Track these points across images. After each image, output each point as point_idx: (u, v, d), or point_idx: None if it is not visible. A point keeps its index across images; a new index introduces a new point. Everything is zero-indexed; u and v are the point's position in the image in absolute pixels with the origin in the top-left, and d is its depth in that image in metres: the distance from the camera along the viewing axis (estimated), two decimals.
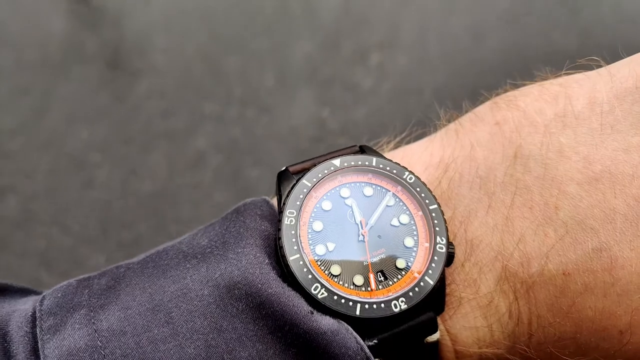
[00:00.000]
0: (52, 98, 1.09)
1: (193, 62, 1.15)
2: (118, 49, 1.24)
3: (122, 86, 1.15)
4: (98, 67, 1.20)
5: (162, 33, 1.24)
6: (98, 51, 1.23)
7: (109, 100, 1.09)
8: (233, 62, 1.09)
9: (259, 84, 1.04)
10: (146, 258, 0.41)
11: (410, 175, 0.42)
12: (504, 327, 0.41)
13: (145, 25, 1.28)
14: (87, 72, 1.16)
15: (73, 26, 1.34)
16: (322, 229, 0.39)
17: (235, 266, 0.37)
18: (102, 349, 0.34)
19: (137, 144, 0.93)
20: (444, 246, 0.39)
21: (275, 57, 1.07)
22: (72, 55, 1.23)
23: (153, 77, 1.13)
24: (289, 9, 1.27)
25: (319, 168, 0.41)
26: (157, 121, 1.00)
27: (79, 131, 0.98)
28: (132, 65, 1.20)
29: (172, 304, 0.36)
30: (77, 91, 1.15)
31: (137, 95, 1.01)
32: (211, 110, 0.94)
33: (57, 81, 1.16)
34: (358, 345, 0.36)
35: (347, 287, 0.38)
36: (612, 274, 0.37)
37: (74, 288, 0.39)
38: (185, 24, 1.28)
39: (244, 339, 0.35)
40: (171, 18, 1.29)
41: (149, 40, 1.24)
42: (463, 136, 0.45)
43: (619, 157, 0.39)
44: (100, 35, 1.25)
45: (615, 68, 0.43)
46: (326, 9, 1.27)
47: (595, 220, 0.38)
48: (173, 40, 1.21)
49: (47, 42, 1.23)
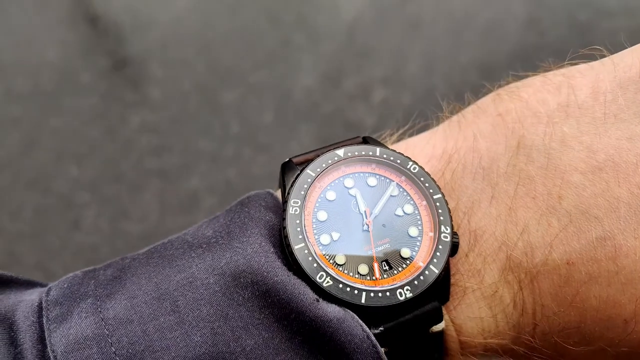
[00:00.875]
0: (42, 130, 1.07)
1: (189, 95, 1.13)
2: (112, 80, 1.21)
3: (114, 119, 1.12)
4: (91, 98, 1.17)
5: (158, 64, 1.21)
6: (92, 82, 1.20)
7: (101, 134, 1.07)
8: (231, 96, 1.07)
9: (257, 120, 1.02)
10: (151, 249, 0.41)
11: (414, 165, 0.42)
12: (508, 318, 0.41)
13: (141, 56, 1.25)
14: (79, 104, 1.14)
15: (67, 55, 1.31)
16: (327, 219, 0.40)
17: (240, 255, 0.37)
18: (109, 337, 0.34)
19: (128, 182, 0.91)
20: (449, 235, 0.39)
21: (274, 91, 1.05)
22: (65, 85, 1.20)
23: (147, 110, 1.10)
24: (291, 39, 1.25)
25: (322, 158, 0.41)
26: (149, 158, 0.98)
27: (68, 168, 0.95)
28: (126, 97, 1.17)
29: (178, 293, 0.36)
30: (68, 124, 1.12)
31: (130, 129, 0.99)
32: (206, 147, 0.92)
33: (49, 113, 1.14)
34: (364, 333, 0.36)
35: (352, 276, 0.38)
36: (617, 262, 0.37)
37: (80, 279, 0.39)
38: (182, 54, 1.25)
39: (249, 327, 0.35)
40: (168, 48, 1.26)
41: (145, 71, 1.21)
42: (466, 128, 0.45)
43: (623, 146, 0.39)
44: (95, 66, 1.23)
45: (618, 57, 0.43)
46: (329, 40, 1.26)
47: (599, 209, 0.38)
48: (169, 71, 1.18)
49: (39, 71, 1.20)
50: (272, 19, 1.50)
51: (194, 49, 1.24)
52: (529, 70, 0.46)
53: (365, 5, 1.59)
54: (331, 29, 1.24)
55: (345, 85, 1.01)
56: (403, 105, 0.93)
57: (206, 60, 1.18)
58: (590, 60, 0.45)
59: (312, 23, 1.52)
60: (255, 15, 1.54)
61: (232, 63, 1.16)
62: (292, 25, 1.45)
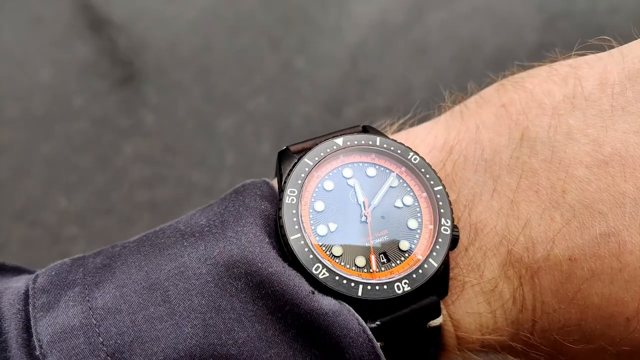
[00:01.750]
0: (32, 157, 1.02)
1: (184, 122, 1.08)
2: (106, 104, 1.16)
3: (106, 146, 1.07)
4: (83, 123, 1.12)
5: (154, 88, 1.16)
6: (84, 106, 1.15)
7: (92, 162, 1.02)
8: (227, 123, 1.03)
9: (254, 149, 0.98)
10: (142, 237, 0.40)
11: (415, 155, 0.41)
12: (507, 314, 0.40)
13: (137, 79, 1.19)
14: (71, 129, 1.09)
15: (60, 76, 1.26)
16: (324, 209, 0.38)
17: (234, 244, 0.36)
18: (96, 326, 0.33)
19: (118, 215, 0.88)
20: (449, 228, 0.38)
21: (272, 119, 1.00)
22: (56, 109, 1.15)
23: (140, 138, 1.06)
24: (292, 64, 1.21)
25: (321, 147, 0.40)
26: (140, 190, 0.94)
27: (57, 198, 0.91)
28: (120, 123, 1.12)
29: (169, 283, 0.35)
30: (59, 150, 1.07)
31: (122, 158, 0.94)
32: (200, 179, 0.88)
33: (39, 138, 1.08)
34: (360, 327, 0.35)
35: (349, 268, 0.37)
36: (620, 259, 0.36)
37: (69, 266, 0.38)
38: (179, 78, 1.20)
39: (242, 318, 0.34)
40: (165, 72, 1.21)
41: (140, 96, 1.16)
42: (468, 118, 0.44)
43: (630, 140, 0.38)
44: (89, 89, 1.18)
45: (627, 48, 0.42)
46: (331, 66, 1.22)
47: (603, 204, 0.37)
48: (165, 96, 1.14)
49: (31, 94, 1.15)
50: (273, 42, 1.45)
51: (191, 72, 1.20)
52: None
53: (369, 29, 1.57)
54: (333, 53, 1.20)
55: (346, 113, 0.98)
56: None
57: (203, 84, 1.14)
58: (598, 51, 0.44)
59: (313, 47, 1.48)
60: (256, 38, 1.51)
61: (229, 88, 1.12)
62: (293, 49, 1.42)
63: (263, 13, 1.57)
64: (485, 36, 1.50)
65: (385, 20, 1.56)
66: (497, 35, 1.50)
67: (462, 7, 1.53)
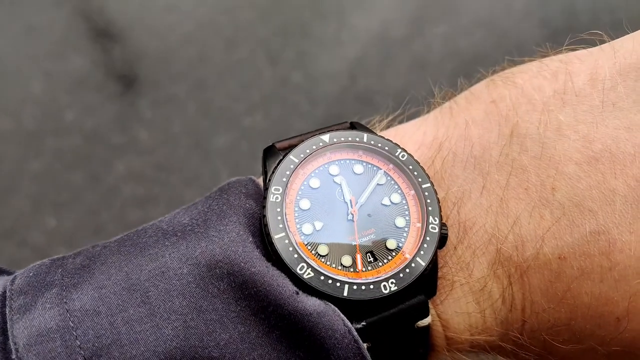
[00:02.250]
0: (21, 174, 0.98)
1: (178, 139, 1.04)
2: (98, 119, 1.12)
3: (98, 163, 1.03)
4: (75, 139, 1.08)
5: (148, 102, 1.12)
6: (77, 120, 1.11)
7: (83, 180, 0.98)
8: (222, 140, 0.99)
9: (249, 168, 0.96)
10: (124, 236, 0.39)
11: (402, 152, 0.40)
12: (497, 313, 0.39)
13: (131, 92, 1.15)
14: (62, 145, 1.06)
15: (52, 89, 1.21)
16: (310, 207, 0.38)
17: (216, 244, 0.35)
18: (74, 329, 0.32)
19: (108, 236, 0.85)
20: (437, 226, 0.37)
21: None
22: (48, 123, 1.11)
23: (133, 155, 1.02)
24: (289, 79, 1.18)
25: (307, 144, 0.39)
26: (132, 210, 0.91)
27: (45, 218, 0.88)
28: (112, 138, 1.08)
29: (150, 283, 0.34)
30: (49, 167, 1.03)
31: (113, 176, 0.91)
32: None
33: (29, 154, 1.04)
34: (345, 327, 0.34)
35: (335, 268, 0.36)
36: (610, 258, 0.36)
37: (47, 267, 0.37)
38: (173, 91, 1.16)
39: (225, 320, 0.33)
40: (159, 84, 1.17)
41: (134, 110, 1.12)
42: (457, 114, 0.44)
43: (621, 136, 0.37)
44: (81, 102, 1.14)
45: (618, 43, 0.41)
46: (330, 81, 1.19)
47: (593, 201, 0.36)
48: (159, 111, 1.10)
49: (23, 107, 1.11)
50: (271, 56, 1.42)
51: (187, 86, 1.16)
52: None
53: (369, 43, 1.53)
54: (332, 68, 1.17)
55: None
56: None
57: (198, 99, 1.10)
58: (589, 46, 0.43)
59: (312, 61, 1.45)
60: (253, 51, 1.48)
61: (225, 103, 1.09)
62: (290, 63, 1.38)
63: (261, 25, 1.54)
64: (486, 51, 1.49)
65: (386, 34, 1.54)
66: (498, 50, 1.49)
67: (463, 21, 1.51)
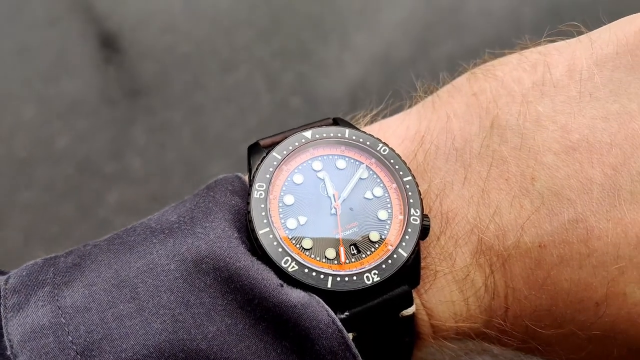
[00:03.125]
0: (11, 206, 0.93)
1: (172, 168, 1.00)
2: (91, 146, 1.07)
3: (90, 194, 0.98)
4: (67, 168, 1.04)
5: (141, 128, 1.09)
6: (68, 147, 1.06)
7: (73, 212, 0.95)
8: (217, 169, 0.96)
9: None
10: (113, 235, 0.40)
11: (384, 147, 0.41)
12: (480, 301, 0.40)
13: (125, 118, 1.11)
14: (53, 174, 1.02)
15: (44, 114, 1.16)
16: (294, 203, 0.38)
17: (202, 240, 0.36)
18: (65, 325, 0.34)
19: None
20: (418, 218, 0.38)
21: None
22: (39, 151, 1.06)
23: (126, 185, 0.97)
24: (287, 104, 1.14)
25: (289, 140, 0.40)
26: None
27: (35, 252, 0.87)
28: (105, 167, 1.03)
29: (138, 280, 0.35)
30: (39, 198, 0.98)
31: (105, 207, 0.88)
32: None
33: (20, 184, 1.00)
34: (330, 318, 0.35)
35: (319, 261, 0.37)
36: (588, 245, 0.37)
37: (40, 266, 0.38)
38: (168, 117, 1.11)
39: (212, 313, 0.34)
40: (153, 111, 1.13)
41: (127, 137, 1.07)
42: (440, 108, 0.44)
43: (597, 126, 0.38)
44: (73, 128, 1.09)
45: (596, 34, 0.42)
46: (330, 105, 1.15)
47: (571, 190, 0.37)
48: (153, 138, 1.06)
49: (13, 134, 1.06)
50: (269, 79, 1.38)
51: (182, 111, 1.12)
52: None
53: (374, 63, 1.48)
54: (333, 91, 1.15)
55: None
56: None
57: (194, 125, 1.06)
58: (568, 37, 0.44)
59: (312, 84, 1.40)
60: (251, 73, 1.43)
61: (221, 130, 1.05)
62: (290, 86, 1.35)
63: (259, 46, 1.50)
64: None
65: (389, 55, 1.51)
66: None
67: (469, 41, 1.48)
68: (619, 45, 0.40)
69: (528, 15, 1.50)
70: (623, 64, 0.39)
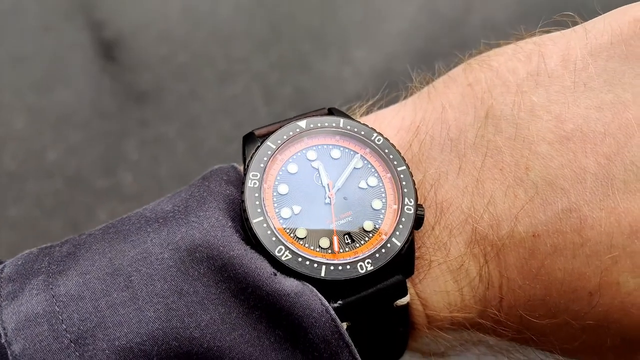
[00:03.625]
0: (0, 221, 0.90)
1: (165, 183, 0.98)
2: (82, 159, 1.03)
3: (80, 210, 0.95)
4: (56, 182, 1.00)
5: (135, 142, 1.05)
6: (59, 161, 1.02)
7: (63, 229, 0.92)
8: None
9: None
10: (108, 225, 0.40)
11: (378, 136, 0.41)
12: (474, 291, 0.40)
13: (118, 131, 1.07)
14: (43, 188, 0.99)
15: (35, 126, 1.12)
16: (288, 192, 0.39)
17: (196, 229, 0.36)
18: (59, 314, 0.34)
19: None
20: (412, 208, 0.38)
21: None
22: (29, 164, 1.01)
23: (117, 201, 0.94)
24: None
25: (283, 130, 0.40)
26: None
27: None
28: (96, 183, 1.00)
29: (132, 268, 0.35)
30: (28, 213, 0.95)
31: (96, 224, 0.87)
32: None
33: (8, 199, 0.96)
34: (323, 307, 0.35)
35: (313, 250, 0.37)
36: (582, 234, 0.37)
37: (35, 256, 0.38)
38: (162, 132, 1.07)
39: (205, 302, 0.34)
40: (147, 124, 1.10)
41: (119, 151, 1.03)
42: (435, 98, 0.44)
43: (591, 115, 0.38)
44: (65, 141, 1.05)
45: (591, 24, 0.42)
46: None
47: (565, 180, 0.37)
48: (146, 152, 1.03)
49: (3, 146, 1.01)
50: (267, 91, 1.36)
51: (177, 124, 1.09)
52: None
53: (375, 77, 1.45)
54: (332, 105, 1.14)
55: None
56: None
57: (188, 139, 1.03)
58: (563, 28, 0.44)
59: (311, 97, 1.38)
60: (248, 86, 1.40)
61: (216, 144, 1.03)
62: (288, 99, 1.31)
63: (258, 58, 1.47)
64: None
65: (390, 69, 1.47)
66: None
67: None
68: (613, 35, 0.40)
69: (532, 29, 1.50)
70: (617, 54, 0.39)
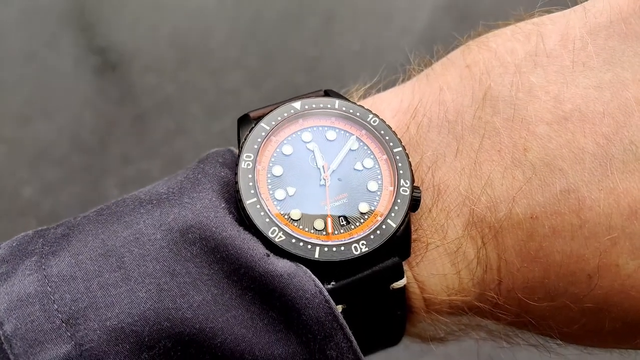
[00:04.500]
0: None
1: None
2: (59, 199, 0.99)
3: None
4: (29, 222, 0.96)
5: (115, 181, 1.01)
6: (33, 199, 0.97)
7: None
8: None
9: None
10: (103, 207, 0.40)
11: (374, 118, 0.40)
12: (472, 274, 0.40)
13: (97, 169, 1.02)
14: (15, 229, 0.98)
15: (12, 160, 1.06)
16: (282, 174, 0.38)
17: (189, 210, 0.36)
18: (51, 294, 0.34)
19: None
20: (408, 189, 0.38)
21: None
22: (3, 202, 0.99)
23: None
24: None
25: (278, 111, 0.39)
26: None
27: None
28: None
29: (125, 249, 0.35)
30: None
31: None
32: None
33: None
34: (316, 288, 0.35)
35: (307, 231, 0.37)
36: (580, 215, 0.36)
37: (30, 237, 0.38)
38: (145, 170, 1.03)
39: (198, 282, 0.34)
40: (129, 161, 1.05)
41: (97, 192, 1.00)
42: (433, 81, 0.44)
43: (590, 95, 0.37)
44: (41, 178, 0.99)
45: (590, 3, 0.41)
46: None
47: (563, 160, 0.37)
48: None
49: None
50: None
51: (160, 160, 1.04)
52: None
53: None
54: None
55: None
56: None
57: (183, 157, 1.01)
58: (563, 8, 0.43)
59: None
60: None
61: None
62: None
63: (249, 91, 1.42)
64: None
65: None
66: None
67: None
68: (613, 14, 0.39)
69: None
70: (617, 33, 0.38)
